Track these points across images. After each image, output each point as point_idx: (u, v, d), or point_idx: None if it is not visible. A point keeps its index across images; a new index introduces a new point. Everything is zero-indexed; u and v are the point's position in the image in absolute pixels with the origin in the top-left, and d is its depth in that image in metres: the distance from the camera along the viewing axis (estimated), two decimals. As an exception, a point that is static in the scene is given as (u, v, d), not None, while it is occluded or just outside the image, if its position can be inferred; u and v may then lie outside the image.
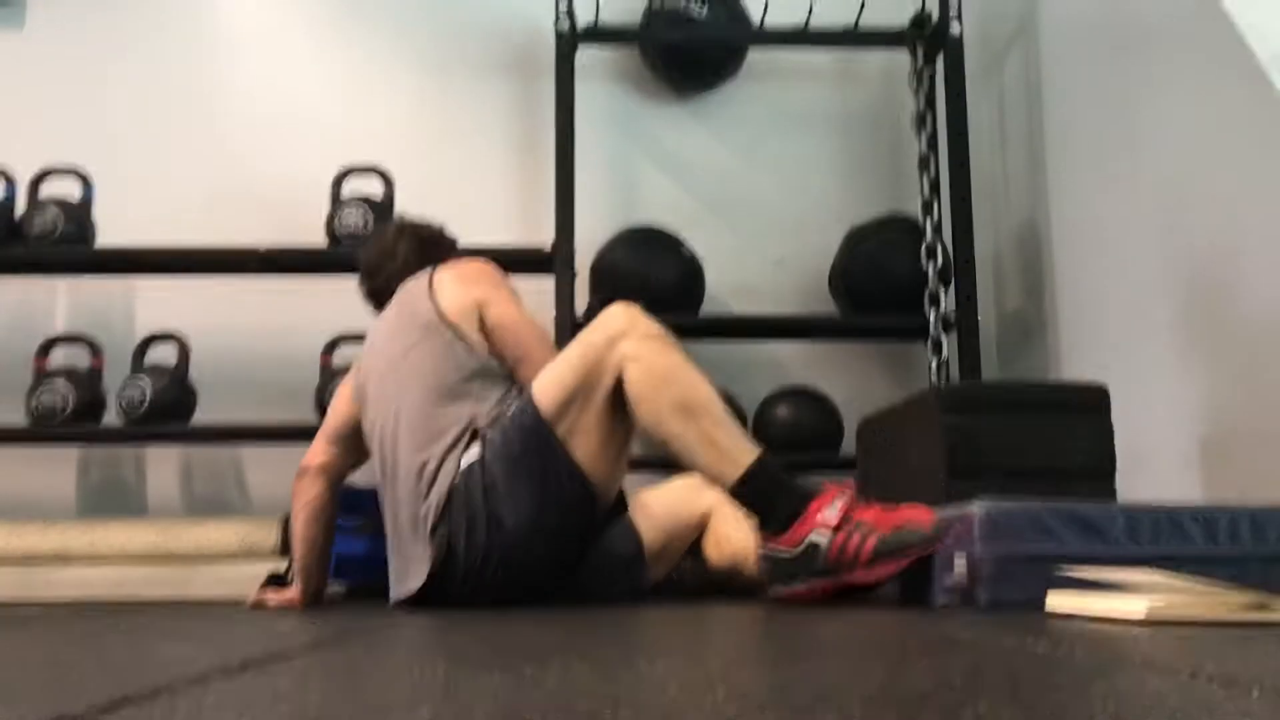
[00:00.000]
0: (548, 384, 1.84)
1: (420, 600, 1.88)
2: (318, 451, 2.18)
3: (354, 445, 2.17)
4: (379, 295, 2.28)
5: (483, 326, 2.02)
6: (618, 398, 1.80)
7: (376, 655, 1.04)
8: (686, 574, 2.24)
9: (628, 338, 1.81)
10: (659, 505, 2.16)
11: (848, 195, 3.46)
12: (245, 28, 3.59)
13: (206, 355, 3.15)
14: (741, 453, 1.74)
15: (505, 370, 2.01)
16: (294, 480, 2.18)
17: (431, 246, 2.28)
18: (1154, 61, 2.48)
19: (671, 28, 3.24)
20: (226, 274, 3.21)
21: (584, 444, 1.82)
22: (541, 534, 1.84)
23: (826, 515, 1.66)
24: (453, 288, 2.04)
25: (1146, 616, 1.15)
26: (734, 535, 2.12)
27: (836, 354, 3.41)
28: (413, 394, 1.96)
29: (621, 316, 1.83)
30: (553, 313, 3.00)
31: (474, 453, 1.88)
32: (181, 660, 0.99)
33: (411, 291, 2.10)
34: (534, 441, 1.82)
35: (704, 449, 1.74)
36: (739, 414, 3.11)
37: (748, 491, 1.72)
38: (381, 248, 2.30)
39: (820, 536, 1.65)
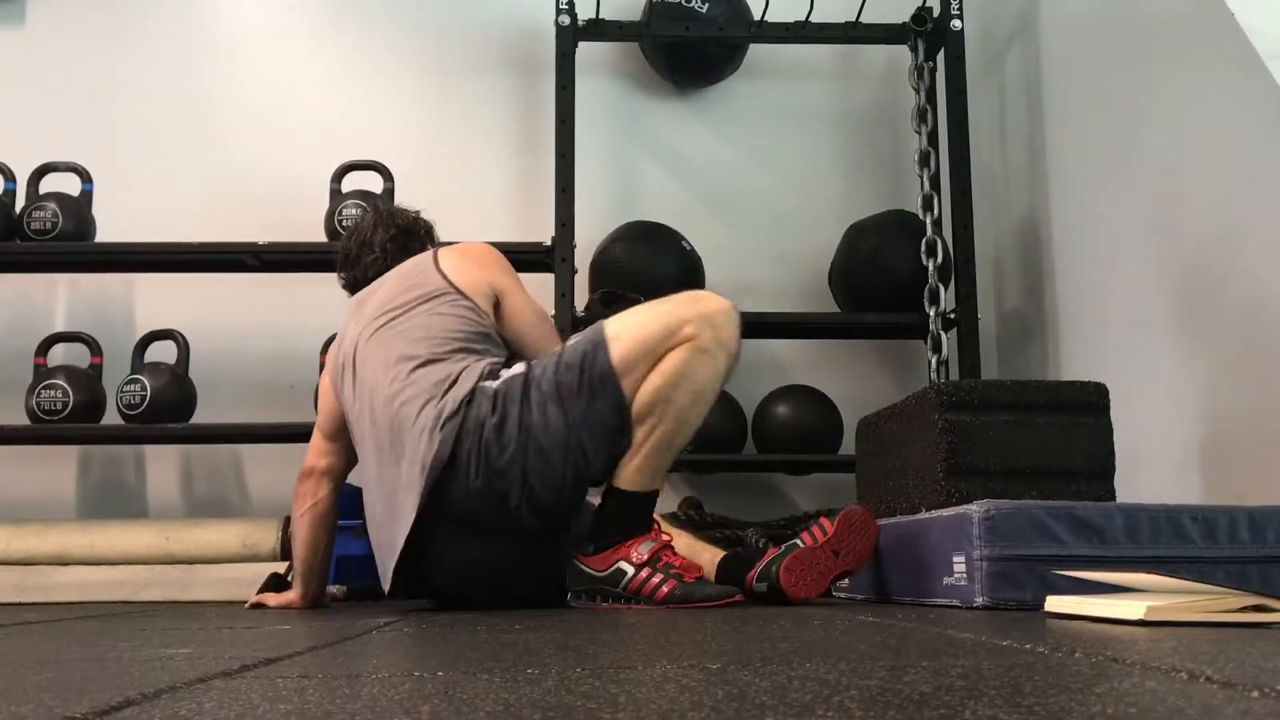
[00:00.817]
0: (627, 332, 1.90)
1: (410, 550, 1.86)
2: (321, 452, 2.17)
3: (349, 443, 2.16)
4: (356, 286, 2.28)
5: (496, 310, 2.07)
6: None
7: (376, 656, 1.04)
8: None
9: (711, 330, 1.87)
10: None
11: (848, 192, 3.46)
12: (245, 24, 3.58)
13: (206, 353, 3.15)
14: (649, 478, 1.90)
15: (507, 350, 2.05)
16: (296, 483, 2.17)
17: (408, 236, 2.29)
18: (1154, 58, 2.48)
19: (672, 23, 3.24)
20: (226, 271, 3.21)
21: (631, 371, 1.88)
22: (566, 455, 1.85)
23: (639, 551, 1.88)
24: (462, 263, 2.10)
25: (1145, 617, 1.15)
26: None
27: (836, 352, 3.41)
28: (418, 346, 1.96)
29: (722, 310, 1.91)
30: (553, 309, 3.00)
31: (513, 371, 1.93)
32: (182, 662, 0.99)
33: (413, 267, 2.12)
34: (592, 377, 1.86)
35: (647, 447, 1.87)
36: (738, 412, 3.12)
37: (617, 505, 1.90)
38: (360, 238, 2.30)
39: (628, 567, 1.87)
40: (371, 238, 2.28)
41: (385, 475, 1.94)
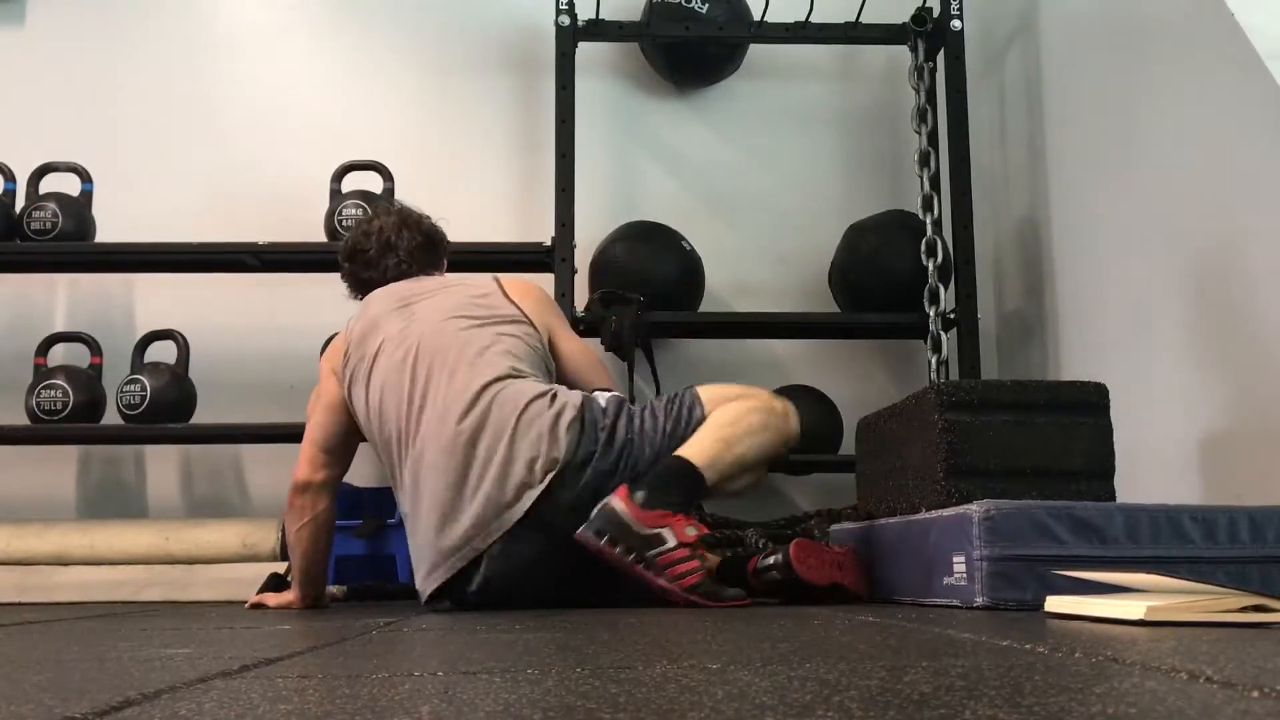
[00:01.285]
0: (714, 392, 2.02)
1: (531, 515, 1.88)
2: (318, 464, 2.13)
3: (347, 451, 2.15)
4: (367, 286, 2.28)
5: (551, 348, 2.16)
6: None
7: (376, 657, 1.04)
8: None
9: (782, 403, 2.05)
10: None
11: (848, 192, 3.46)
12: (245, 24, 3.58)
13: (206, 353, 3.15)
14: (710, 463, 1.91)
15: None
16: (290, 494, 2.13)
17: (432, 246, 2.33)
18: (1154, 58, 2.48)
19: (672, 23, 3.24)
20: (226, 271, 3.21)
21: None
22: (656, 461, 1.92)
23: (687, 530, 1.85)
24: (528, 299, 2.18)
25: (1145, 617, 1.15)
26: None
27: (836, 352, 3.41)
28: (510, 360, 2.02)
29: (789, 402, 2.07)
30: (552, 310, 3.00)
31: (610, 394, 2.03)
32: (182, 662, 0.99)
33: (478, 286, 2.18)
34: (680, 408, 1.98)
35: (712, 434, 1.92)
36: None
37: (677, 468, 1.89)
38: (382, 240, 2.29)
39: (670, 537, 1.82)
40: (396, 241, 2.27)
41: (464, 477, 1.92)
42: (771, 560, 1.94)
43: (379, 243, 2.29)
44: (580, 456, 1.90)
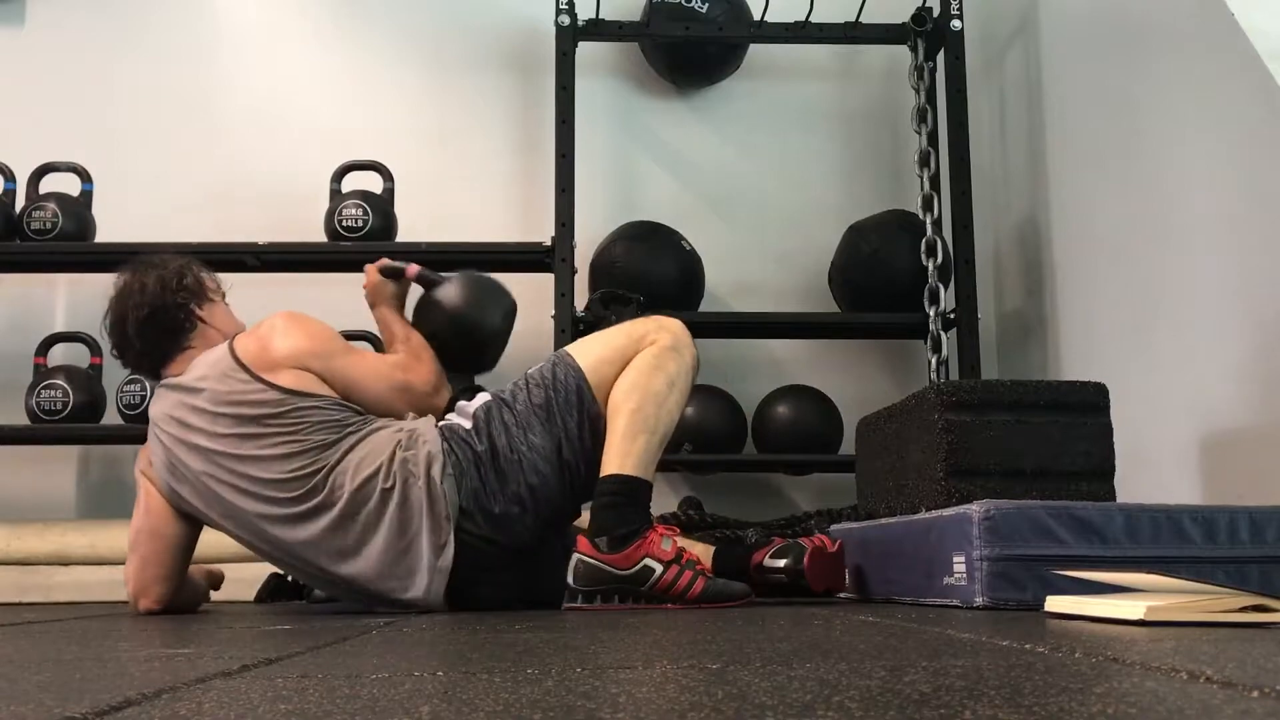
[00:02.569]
0: (587, 346, 1.95)
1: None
2: (161, 576, 1.92)
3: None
4: (142, 371, 2.10)
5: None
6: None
7: (376, 656, 1.04)
8: None
9: (670, 334, 1.93)
10: None
11: (848, 192, 3.46)
12: (245, 24, 3.58)
13: (206, 353, 3.15)
14: (641, 465, 1.82)
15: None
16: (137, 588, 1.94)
17: (164, 314, 1.99)
18: (1154, 59, 2.48)
19: (672, 23, 3.24)
20: (226, 271, 3.19)
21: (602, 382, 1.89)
22: (561, 470, 1.85)
23: (663, 545, 1.79)
24: (270, 357, 1.92)
25: (1145, 617, 1.15)
26: None
27: (836, 352, 3.41)
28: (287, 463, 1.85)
29: (677, 323, 1.97)
30: (552, 309, 3.00)
31: (477, 403, 1.90)
32: (182, 662, 0.99)
33: (220, 381, 1.89)
34: (567, 391, 1.88)
35: (631, 430, 1.83)
36: (738, 412, 3.12)
37: (617, 489, 1.81)
38: (113, 321, 2.01)
39: (655, 564, 1.77)
40: (125, 327, 1.97)
41: (351, 566, 1.82)
42: (781, 564, 1.94)
43: (113, 328, 2.01)
44: (469, 496, 1.83)
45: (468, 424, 1.88)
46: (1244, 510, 1.63)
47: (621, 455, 1.82)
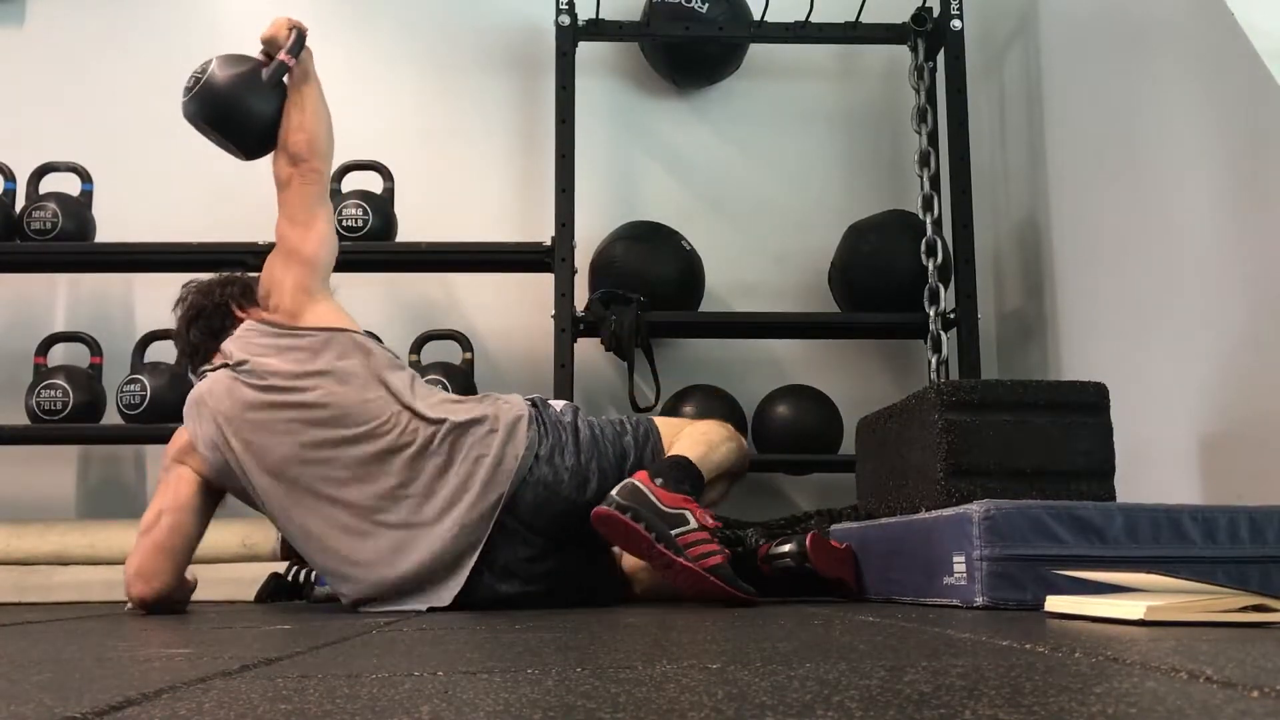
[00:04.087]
0: (660, 419, 2.19)
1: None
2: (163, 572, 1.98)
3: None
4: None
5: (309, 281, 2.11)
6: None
7: (376, 656, 1.04)
8: None
9: (728, 429, 2.18)
10: None
11: (848, 192, 3.46)
12: (245, 23, 3.57)
13: (206, 353, 3.15)
14: (701, 461, 1.99)
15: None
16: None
17: (211, 315, 2.15)
18: (1154, 58, 2.48)
19: (672, 23, 3.24)
20: (226, 271, 3.21)
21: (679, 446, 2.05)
22: (619, 474, 1.96)
23: (707, 520, 1.87)
24: (278, 293, 2.11)
25: (1145, 617, 1.15)
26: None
27: (836, 352, 3.41)
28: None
29: (734, 432, 2.21)
30: (552, 309, 3.00)
31: (558, 407, 2.09)
32: (182, 662, 0.99)
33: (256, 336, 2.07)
34: (631, 425, 2.10)
35: (690, 443, 2.03)
36: (738, 412, 3.12)
37: (679, 464, 1.95)
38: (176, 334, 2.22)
39: (693, 520, 1.84)
40: (180, 323, 2.17)
41: (403, 507, 1.93)
42: (786, 549, 2.00)
43: (176, 339, 2.24)
44: (544, 449, 2.01)
45: (557, 405, 2.09)
46: (1244, 510, 1.63)
47: (688, 449, 2.00)
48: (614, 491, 1.86)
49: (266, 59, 2.13)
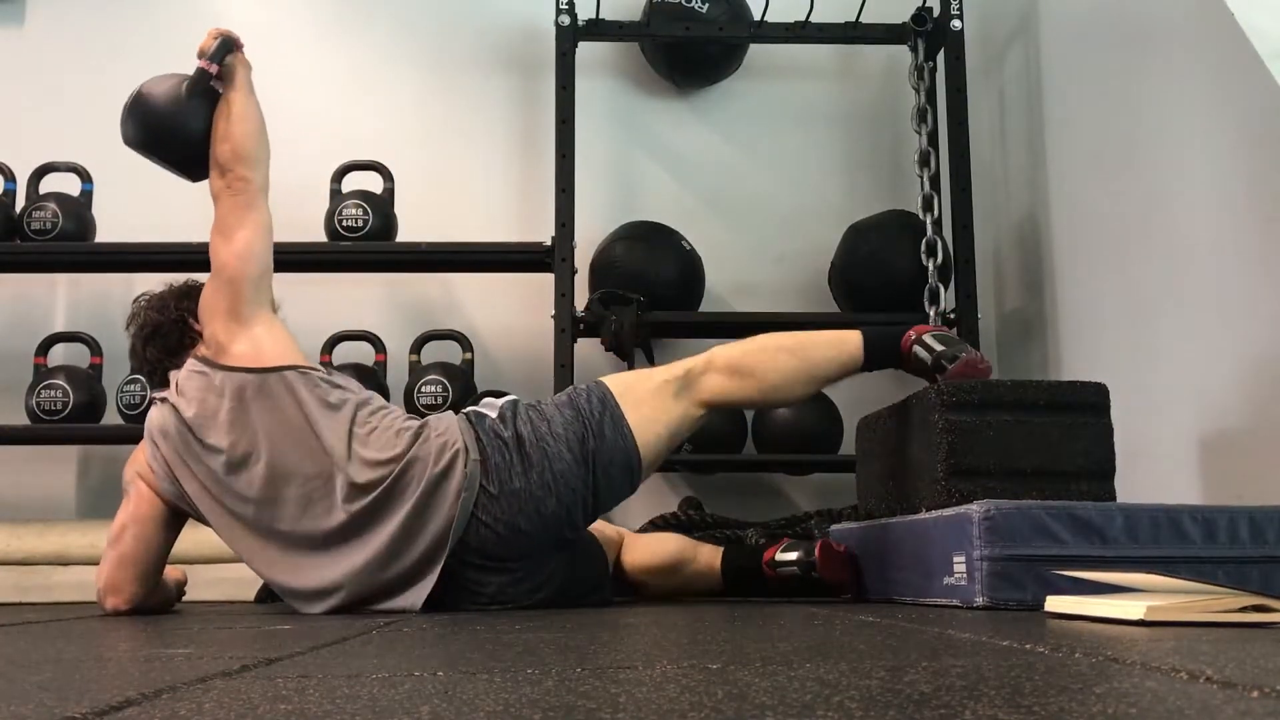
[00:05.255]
0: (610, 375, 2.04)
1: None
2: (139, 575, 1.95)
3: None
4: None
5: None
6: (681, 391, 1.97)
7: (376, 656, 1.04)
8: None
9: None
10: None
11: (848, 191, 3.46)
12: (245, 24, 3.57)
13: (206, 353, 3.15)
14: (844, 335, 2.05)
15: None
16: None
17: (166, 333, 2.03)
18: (1154, 59, 2.48)
19: (672, 23, 3.24)
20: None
21: (637, 413, 1.93)
22: (581, 461, 1.87)
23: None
24: (223, 333, 1.96)
25: (1145, 617, 1.15)
26: (662, 543, 2.26)
27: (836, 352, 3.40)
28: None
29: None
30: (552, 309, 3.00)
31: (496, 406, 1.94)
32: (182, 662, 0.99)
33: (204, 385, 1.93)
34: (584, 395, 1.94)
35: (820, 360, 2.04)
36: (738, 412, 3.12)
37: (878, 354, 2.03)
38: (131, 348, 2.09)
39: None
40: (135, 341, 2.05)
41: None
42: (794, 556, 2.01)
43: (131, 353, 2.10)
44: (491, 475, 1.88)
45: (494, 414, 1.92)
46: (1244, 510, 1.63)
47: (839, 360, 2.05)
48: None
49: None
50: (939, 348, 2.01)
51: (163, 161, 2.09)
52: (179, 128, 2.04)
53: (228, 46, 2.10)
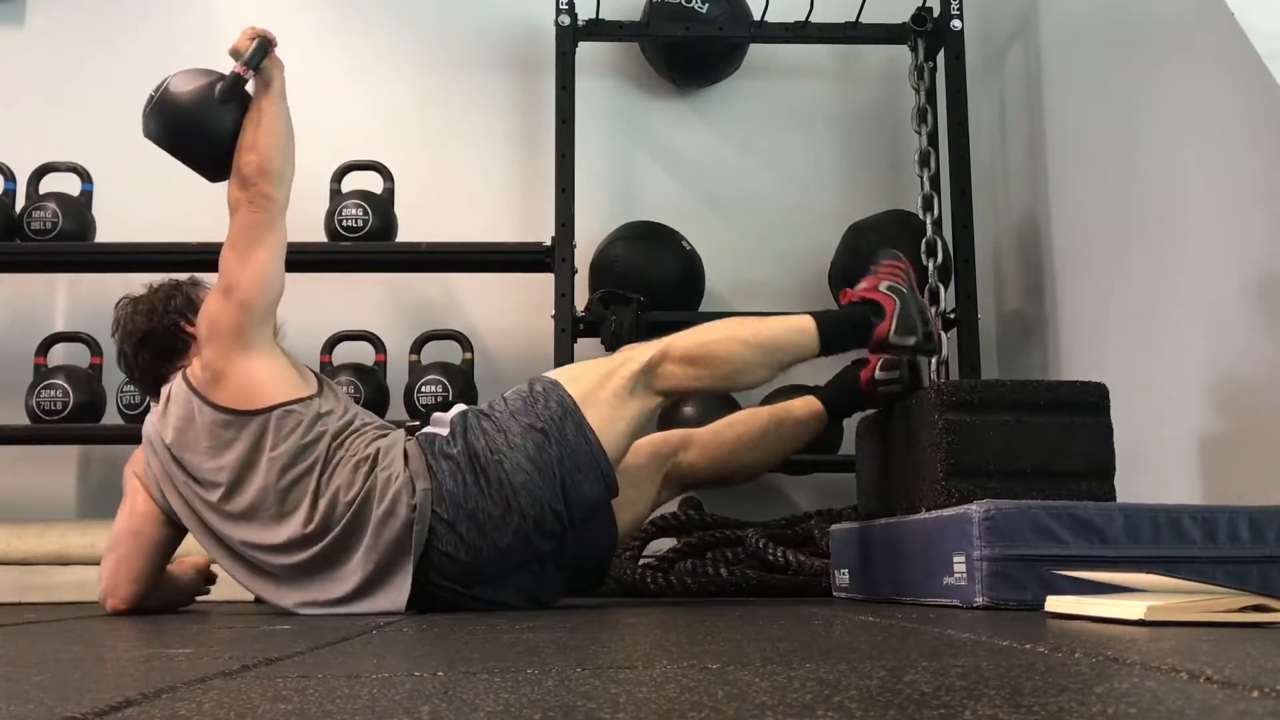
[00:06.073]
0: (557, 369, 2.03)
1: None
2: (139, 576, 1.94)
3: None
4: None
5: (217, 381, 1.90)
6: (638, 384, 1.94)
7: (376, 656, 1.04)
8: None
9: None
10: None
11: (848, 191, 3.46)
12: (245, 23, 3.57)
13: (206, 353, 3.15)
14: (799, 323, 2.11)
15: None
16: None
17: (159, 340, 2.01)
18: (1154, 59, 2.48)
19: (672, 23, 3.24)
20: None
21: (597, 413, 1.88)
22: (542, 468, 1.81)
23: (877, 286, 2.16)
24: (214, 386, 1.91)
25: (1145, 617, 1.15)
26: (744, 422, 2.32)
27: (836, 352, 3.40)
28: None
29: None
30: (552, 309, 3.00)
31: (446, 421, 1.89)
32: (182, 662, 0.99)
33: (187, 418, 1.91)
34: (538, 397, 1.88)
35: (776, 348, 2.09)
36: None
37: (833, 339, 2.10)
38: (118, 348, 2.07)
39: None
40: (125, 348, 2.02)
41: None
42: (896, 374, 2.17)
43: (119, 355, 2.06)
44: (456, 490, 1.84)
45: (445, 431, 1.87)
46: (1244, 510, 1.63)
47: (796, 346, 2.11)
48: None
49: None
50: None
51: (185, 159, 2.07)
52: (207, 132, 2.00)
53: (264, 50, 2.04)
